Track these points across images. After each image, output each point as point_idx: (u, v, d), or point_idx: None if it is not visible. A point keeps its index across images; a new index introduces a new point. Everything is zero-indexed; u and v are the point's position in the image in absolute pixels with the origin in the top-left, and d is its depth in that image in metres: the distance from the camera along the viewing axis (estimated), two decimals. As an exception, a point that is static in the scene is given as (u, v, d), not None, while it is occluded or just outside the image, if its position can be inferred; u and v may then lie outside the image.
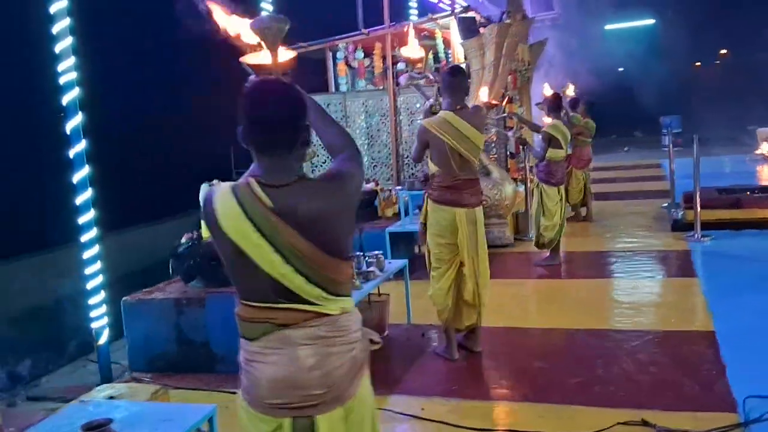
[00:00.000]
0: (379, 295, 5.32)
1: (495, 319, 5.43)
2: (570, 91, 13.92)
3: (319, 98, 9.18)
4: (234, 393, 4.19)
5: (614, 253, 7.69)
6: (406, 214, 7.40)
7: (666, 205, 10.04)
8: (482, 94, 7.90)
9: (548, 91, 12.32)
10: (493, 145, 8.80)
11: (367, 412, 2.02)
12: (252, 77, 2.05)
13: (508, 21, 8.18)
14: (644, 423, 3.50)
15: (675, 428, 3.43)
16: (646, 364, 4.36)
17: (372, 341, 2.10)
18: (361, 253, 5.16)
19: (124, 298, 4.93)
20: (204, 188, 4.46)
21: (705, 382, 4.01)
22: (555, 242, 7.05)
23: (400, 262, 5.41)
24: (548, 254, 7.26)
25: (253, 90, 1.90)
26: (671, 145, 10.41)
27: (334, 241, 1.89)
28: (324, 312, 1.90)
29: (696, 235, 7.91)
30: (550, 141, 6.74)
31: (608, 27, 21.21)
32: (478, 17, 8.59)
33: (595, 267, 7.24)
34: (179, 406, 3.25)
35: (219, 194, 1.87)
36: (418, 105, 8.77)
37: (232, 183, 1.90)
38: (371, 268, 4.97)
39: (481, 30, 8.25)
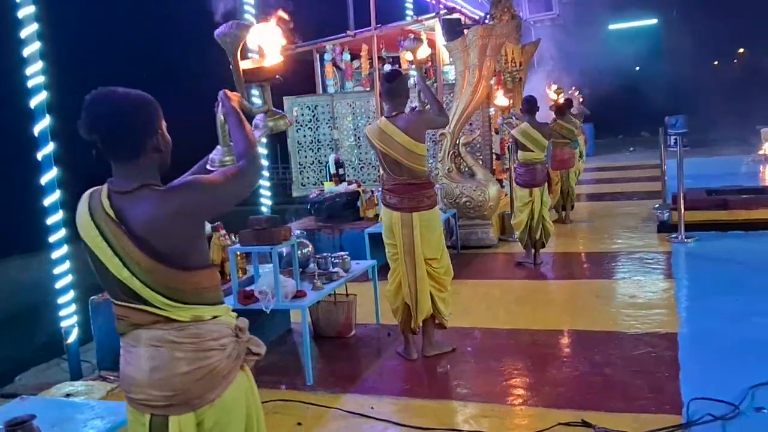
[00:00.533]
0: (347, 295, 5.37)
1: (463, 319, 5.48)
2: (559, 95, 13.96)
3: (308, 100, 9.27)
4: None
5: (594, 255, 7.70)
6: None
7: (657, 206, 10.00)
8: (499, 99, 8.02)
9: (552, 94, 12.42)
10: (478, 146, 8.83)
11: (233, 421, 2.03)
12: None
13: (491, 23, 8.19)
14: (584, 423, 3.53)
15: (615, 429, 3.45)
16: (601, 365, 4.38)
17: (250, 351, 2.13)
18: (327, 254, 5.23)
19: (91, 298, 5.00)
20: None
21: (656, 384, 4.02)
22: (524, 242, 7.11)
23: (368, 263, 5.46)
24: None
25: (92, 101, 1.92)
26: (663, 146, 10.36)
27: (171, 252, 1.92)
28: (172, 317, 1.95)
29: (680, 237, 7.89)
30: (516, 144, 6.86)
31: (612, 27, 21.12)
32: (463, 18, 8.61)
33: (572, 268, 7.26)
34: (118, 404, 3.31)
35: (82, 199, 1.96)
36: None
37: (93, 188, 1.97)
38: (336, 269, 5.03)
39: (465, 32, 8.29)
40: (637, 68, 24.50)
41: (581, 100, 16.38)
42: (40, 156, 4.78)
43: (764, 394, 3.73)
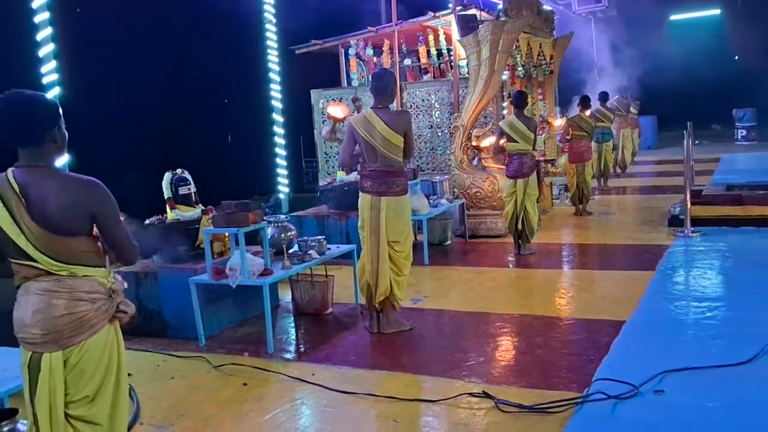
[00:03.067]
0: (326, 276, 5.84)
1: (437, 301, 5.89)
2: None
3: (333, 92, 9.75)
4: (171, 355, 4.87)
5: (590, 247, 7.90)
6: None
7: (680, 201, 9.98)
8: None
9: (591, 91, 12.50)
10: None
11: (93, 363, 2.52)
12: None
13: (503, 19, 8.42)
14: (485, 395, 3.86)
15: (514, 402, 3.77)
16: (537, 346, 4.68)
17: (119, 310, 2.62)
18: (308, 238, 5.70)
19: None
20: None
21: (576, 366, 4.29)
22: (512, 232, 7.39)
23: (346, 248, 5.90)
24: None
25: (4, 98, 2.45)
26: (690, 139, 10.27)
27: (58, 224, 2.44)
28: (52, 272, 2.47)
29: (685, 231, 7.95)
30: (501, 134, 7.13)
31: (674, 18, 20.59)
32: (479, 14, 8.86)
33: (560, 259, 7.49)
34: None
35: None
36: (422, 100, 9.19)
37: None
38: (310, 251, 5.50)
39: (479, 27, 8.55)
40: (699, 59, 23.77)
41: (628, 99, 16.16)
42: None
43: (673, 379, 3.91)
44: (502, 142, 7.37)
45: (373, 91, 5.08)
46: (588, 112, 10.25)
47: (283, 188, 8.28)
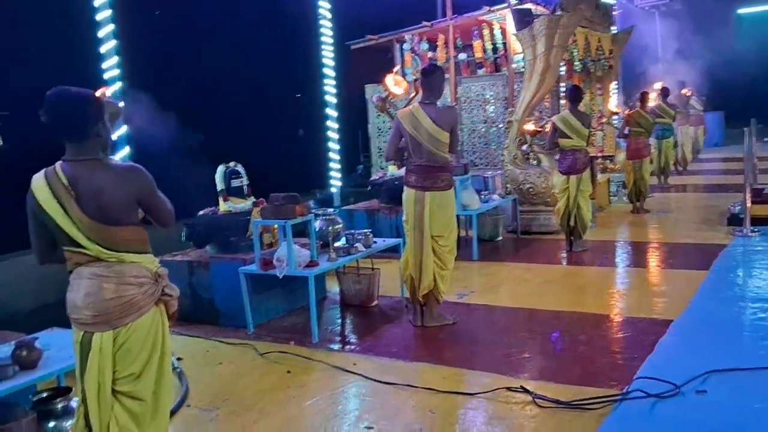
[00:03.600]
0: (372, 269, 5.92)
1: (483, 297, 5.91)
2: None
3: (388, 87, 9.79)
4: (220, 342, 5.04)
5: (643, 244, 7.75)
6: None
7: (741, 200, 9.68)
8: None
9: (658, 85, 12.28)
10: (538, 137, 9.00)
11: (141, 344, 2.66)
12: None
13: (559, 13, 8.32)
14: (523, 390, 3.87)
15: (552, 397, 3.77)
16: (581, 344, 4.65)
17: (164, 293, 2.75)
18: (355, 231, 5.80)
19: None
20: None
21: (619, 364, 4.25)
22: (564, 228, 7.30)
23: (392, 241, 5.97)
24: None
25: (51, 96, 2.59)
26: (754, 136, 9.93)
27: (109, 215, 2.58)
28: (101, 258, 2.61)
29: (744, 230, 7.72)
30: (555, 131, 7.03)
31: (741, 11, 19.84)
32: (535, 8, 8.77)
33: (613, 256, 7.38)
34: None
35: (35, 178, 2.62)
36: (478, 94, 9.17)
37: (44, 169, 2.63)
38: (356, 244, 5.58)
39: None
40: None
41: (689, 92, 15.69)
42: (114, 136, 5.71)
43: (718, 380, 3.84)
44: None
45: (422, 86, 5.12)
46: (648, 109, 10.04)
47: (336, 182, 8.40)
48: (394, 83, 7.61)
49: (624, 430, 3.43)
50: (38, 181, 2.61)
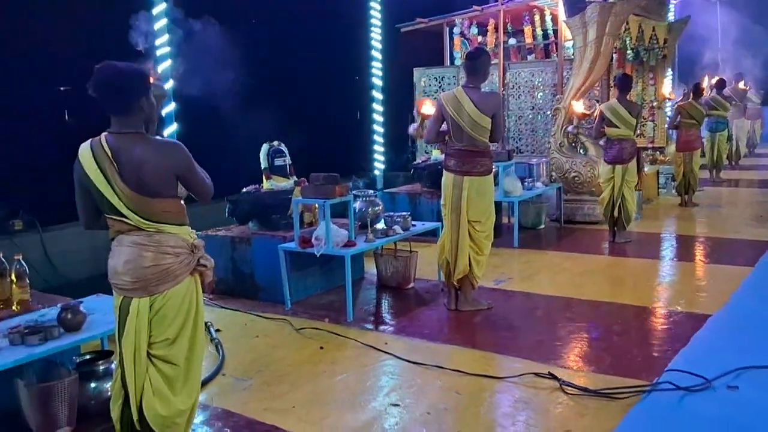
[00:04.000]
0: (410, 251, 5.97)
1: (521, 284, 5.92)
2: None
3: (435, 71, 9.82)
4: (258, 316, 5.17)
5: (689, 238, 7.62)
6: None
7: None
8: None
9: (714, 79, 11.99)
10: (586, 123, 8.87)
11: (176, 311, 2.77)
12: None
13: (612, 0, 8.17)
14: (551, 376, 3.88)
15: (579, 385, 3.78)
16: (615, 334, 4.63)
17: (199, 263, 2.85)
18: (393, 213, 5.85)
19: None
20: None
21: (651, 356, 4.22)
22: (608, 218, 7.21)
23: (431, 225, 6.01)
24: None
25: (98, 70, 2.69)
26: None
27: (148, 187, 2.69)
28: (141, 227, 2.72)
29: (798, 228, 7.53)
30: (602, 119, 6.92)
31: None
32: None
33: (657, 249, 7.25)
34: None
35: (82, 148, 2.74)
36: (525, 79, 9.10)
37: (90, 140, 2.75)
38: (394, 227, 5.64)
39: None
40: None
41: (746, 87, 15.19)
42: (163, 113, 5.88)
43: (752, 376, 3.78)
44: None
45: (465, 69, 5.12)
46: (702, 100, 9.80)
47: (380, 165, 8.46)
48: (429, 109, 7.62)
49: (651, 421, 3.42)
50: (84, 150, 2.73)
